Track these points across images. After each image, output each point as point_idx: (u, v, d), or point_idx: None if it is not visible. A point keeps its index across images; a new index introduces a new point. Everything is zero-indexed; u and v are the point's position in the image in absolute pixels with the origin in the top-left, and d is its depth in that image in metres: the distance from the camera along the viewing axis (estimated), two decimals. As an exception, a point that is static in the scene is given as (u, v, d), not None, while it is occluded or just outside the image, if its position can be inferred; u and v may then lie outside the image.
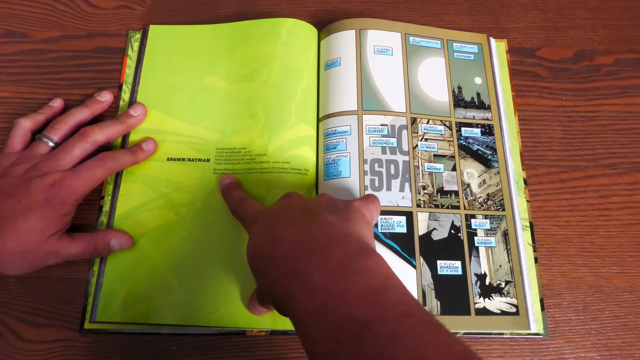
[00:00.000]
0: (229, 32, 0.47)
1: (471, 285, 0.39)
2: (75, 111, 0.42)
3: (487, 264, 0.39)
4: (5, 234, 0.34)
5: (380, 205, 0.36)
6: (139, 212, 0.41)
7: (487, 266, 0.39)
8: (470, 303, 0.38)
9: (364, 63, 0.45)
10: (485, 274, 0.39)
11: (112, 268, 0.39)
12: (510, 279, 0.39)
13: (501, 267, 0.39)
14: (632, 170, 0.45)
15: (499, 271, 0.39)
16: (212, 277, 0.38)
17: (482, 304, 0.38)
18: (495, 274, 0.39)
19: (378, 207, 0.36)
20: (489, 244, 0.40)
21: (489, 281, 0.39)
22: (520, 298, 0.38)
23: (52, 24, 0.49)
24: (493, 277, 0.39)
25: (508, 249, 0.40)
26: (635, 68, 0.49)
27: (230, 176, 0.41)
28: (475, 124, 0.44)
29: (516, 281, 0.39)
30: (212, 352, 0.38)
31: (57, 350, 0.38)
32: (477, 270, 0.39)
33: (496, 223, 0.41)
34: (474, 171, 0.43)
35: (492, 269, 0.39)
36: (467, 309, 0.38)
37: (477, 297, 0.38)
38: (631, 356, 0.39)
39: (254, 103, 0.44)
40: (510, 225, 0.40)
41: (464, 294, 0.38)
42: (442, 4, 0.51)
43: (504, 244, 0.40)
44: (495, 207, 0.41)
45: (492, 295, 0.38)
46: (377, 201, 0.36)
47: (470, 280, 0.39)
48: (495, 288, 0.39)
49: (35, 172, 0.36)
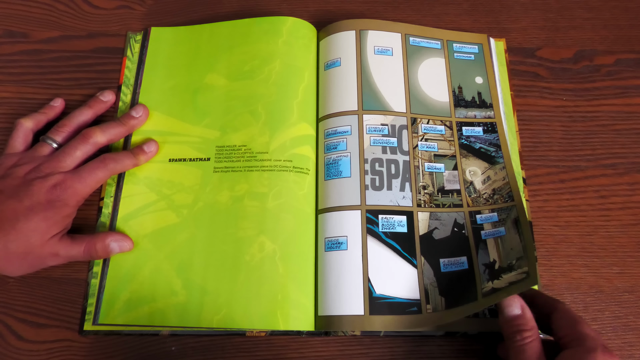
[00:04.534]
0: (229, 30, 0.47)
1: (479, 275, 0.38)
2: (78, 112, 0.42)
3: (496, 252, 0.39)
4: (6, 234, 0.34)
5: (381, 205, 0.36)
6: (141, 214, 0.41)
7: (497, 253, 0.39)
8: (477, 290, 0.37)
9: (364, 63, 0.45)
10: (494, 261, 0.38)
11: (115, 270, 0.39)
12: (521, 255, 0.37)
13: (512, 249, 0.38)
14: (632, 170, 0.45)
15: (510, 253, 0.38)
16: (215, 278, 0.38)
17: (490, 286, 0.37)
18: (505, 257, 0.38)
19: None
20: (499, 233, 0.40)
21: (499, 265, 0.38)
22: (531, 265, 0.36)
23: (52, 24, 0.49)
24: (503, 261, 0.38)
25: (520, 231, 0.38)
26: (635, 68, 0.49)
27: None
28: (477, 122, 0.44)
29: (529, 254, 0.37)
30: (212, 352, 0.38)
31: (57, 351, 0.38)
32: (486, 260, 0.39)
33: (505, 214, 0.40)
34: (477, 169, 0.42)
35: (503, 254, 0.38)
36: (475, 296, 0.37)
37: (484, 283, 0.38)
38: (632, 356, 0.39)
39: (255, 100, 0.43)
40: (522, 212, 0.39)
41: (472, 285, 0.38)
42: (442, 5, 0.51)
43: (515, 228, 0.39)
44: (503, 200, 0.41)
45: (501, 275, 0.38)
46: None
47: (477, 270, 0.38)
48: (505, 269, 0.38)
49: (37, 173, 0.37)
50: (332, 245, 0.39)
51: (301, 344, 0.39)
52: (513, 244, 0.38)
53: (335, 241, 0.39)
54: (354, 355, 0.38)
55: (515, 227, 0.39)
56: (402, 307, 0.37)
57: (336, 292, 0.38)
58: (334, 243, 0.39)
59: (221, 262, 0.39)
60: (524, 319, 0.33)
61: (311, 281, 0.39)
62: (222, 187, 0.41)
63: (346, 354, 0.38)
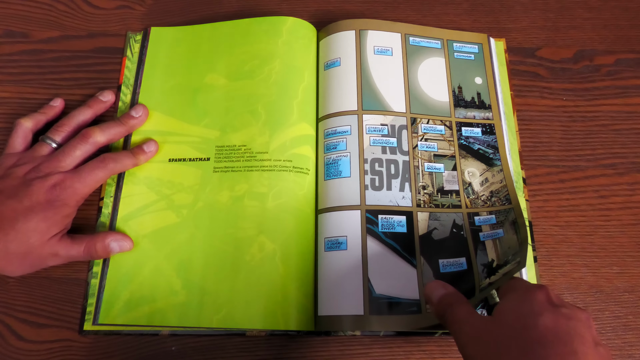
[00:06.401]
0: (229, 30, 0.47)
1: (478, 275, 0.38)
2: (77, 112, 0.42)
3: (494, 252, 0.39)
4: (6, 235, 0.34)
5: (380, 205, 0.36)
6: (141, 214, 0.41)
7: (495, 254, 0.39)
8: (476, 289, 0.38)
9: (364, 63, 0.45)
10: (492, 260, 0.39)
11: (115, 270, 0.39)
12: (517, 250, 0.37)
13: (510, 248, 0.38)
14: (632, 170, 0.45)
15: (508, 252, 0.38)
16: (215, 278, 0.38)
17: (486, 282, 0.38)
18: (503, 255, 0.39)
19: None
20: (497, 235, 0.40)
21: (497, 263, 0.38)
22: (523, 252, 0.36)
23: (52, 24, 0.49)
24: (501, 259, 0.38)
25: (517, 231, 0.38)
26: (635, 68, 0.49)
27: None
28: (476, 123, 0.44)
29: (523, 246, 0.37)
30: (212, 352, 0.38)
31: (57, 351, 0.38)
32: (484, 260, 0.39)
33: (503, 216, 0.40)
34: (476, 170, 0.42)
35: (501, 253, 0.39)
36: (472, 293, 0.37)
37: (482, 280, 0.38)
38: (631, 356, 0.39)
39: (255, 100, 0.43)
40: (520, 215, 0.39)
41: (471, 285, 0.38)
42: (442, 4, 0.51)
43: (513, 230, 0.39)
44: (501, 203, 0.41)
45: (497, 271, 0.38)
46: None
47: (476, 270, 0.38)
48: (501, 265, 0.38)
49: (37, 173, 0.37)
50: (332, 245, 0.39)
51: (301, 344, 0.39)
52: (511, 244, 0.39)
53: (335, 241, 0.39)
54: (354, 355, 0.38)
55: (513, 228, 0.39)
56: (402, 307, 0.37)
57: (336, 292, 0.38)
58: (334, 243, 0.39)
59: (221, 262, 0.39)
60: (449, 295, 0.33)
61: (311, 281, 0.39)
62: (222, 187, 0.41)
63: (346, 354, 0.38)
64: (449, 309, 0.32)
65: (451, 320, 0.31)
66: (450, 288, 0.34)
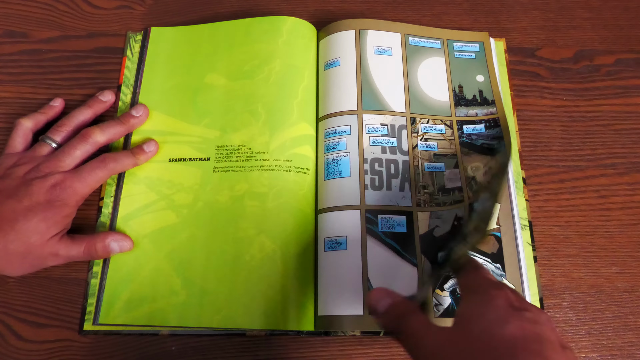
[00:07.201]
0: (228, 30, 0.47)
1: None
2: (77, 112, 0.42)
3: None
4: (5, 235, 0.34)
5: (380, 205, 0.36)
6: (141, 214, 0.41)
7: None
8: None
9: (364, 63, 0.45)
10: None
11: (115, 270, 0.39)
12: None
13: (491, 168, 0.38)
14: (633, 170, 0.45)
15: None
16: (215, 278, 0.38)
17: (471, 226, 0.36)
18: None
19: None
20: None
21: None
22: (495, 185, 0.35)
23: (52, 24, 0.49)
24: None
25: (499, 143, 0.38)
26: (635, 68, 0.49)
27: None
28: (479, 120, 0.44)
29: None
30: (213, 352, 0.38)
31: (57, 351, 0.38)
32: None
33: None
34: (480, 164, 0.42)
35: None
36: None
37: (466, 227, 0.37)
38: (631, 356, 0.39)
39: (255, 100, 0.43)
40: (505, 128, 0.38)
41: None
42: (442, 4, 0.51)
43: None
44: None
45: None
46: None
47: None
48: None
49: (37, 173, 0.37)
50: (332, 245, 0.39)
51: (301, 344, 0.39)
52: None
53: (334, 241, 0.39)
54: (354, 355, 0.38)
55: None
56: (402, 307, 0.37)
57: (336, 292, 0.38)
58: (334, 243, 0.39)
59: (221, 262, 0.39)
60: (397, 305, 0.30)
61: (311, 281, 0.39)
62: (222, 186, 0.41)
63: (346, 354, 0.38)
64: (402, 320, 0.28)
65: (406, 334, 0.28)
66: (397, 296, 0.30)
